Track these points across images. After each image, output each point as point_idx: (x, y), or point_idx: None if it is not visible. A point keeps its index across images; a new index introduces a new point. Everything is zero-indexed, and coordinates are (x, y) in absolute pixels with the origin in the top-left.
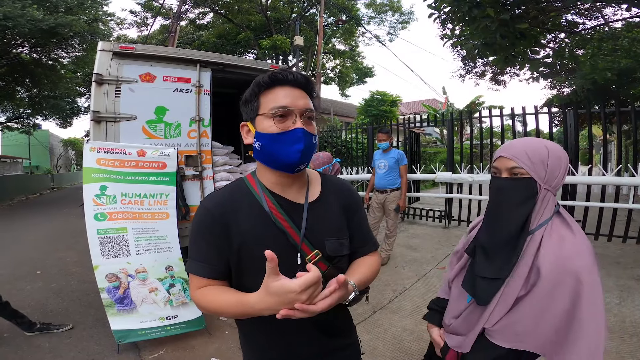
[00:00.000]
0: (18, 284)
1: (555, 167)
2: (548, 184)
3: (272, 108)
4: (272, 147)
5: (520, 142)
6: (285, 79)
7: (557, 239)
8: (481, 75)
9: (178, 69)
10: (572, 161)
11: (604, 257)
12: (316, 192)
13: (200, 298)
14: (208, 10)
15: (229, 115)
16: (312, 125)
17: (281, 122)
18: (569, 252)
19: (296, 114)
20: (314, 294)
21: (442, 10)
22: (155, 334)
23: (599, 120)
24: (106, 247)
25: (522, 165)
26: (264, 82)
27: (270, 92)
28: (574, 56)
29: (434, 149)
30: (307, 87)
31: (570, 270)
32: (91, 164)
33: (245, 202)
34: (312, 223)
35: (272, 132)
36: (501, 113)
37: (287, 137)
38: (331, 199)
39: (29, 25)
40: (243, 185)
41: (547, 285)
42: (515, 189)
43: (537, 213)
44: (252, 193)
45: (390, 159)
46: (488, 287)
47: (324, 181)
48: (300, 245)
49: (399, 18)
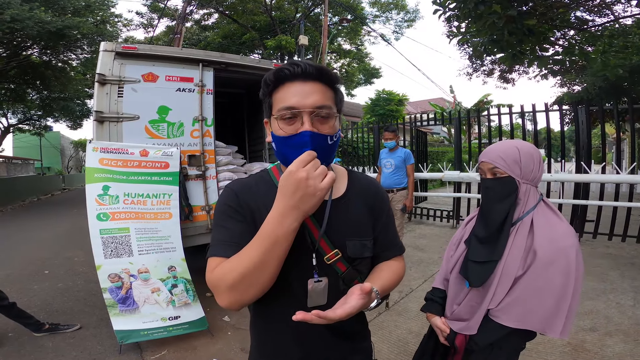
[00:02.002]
0: (26, 284)
1: (528, 163)
2: (525, 179)
3: (279, 110)
4: (283, 150)
5: (495, 146)
6: (293, 73)
7: (547, 223)
8: (489, 73)
9: (180, 69)
10: (585, 160)
11: (618, 258)
12: (341, 189)
13: (220, 271)
14: (213, 11)
15: (234, 115)
16: (327, 124)
17: (289, 125)
18: (560, 234)
19: (304, 115)
20: (316, 166)
21: (447, 6)
22: (158, 334)
23: (612, 118)
24: (109, 247)
25: (499, 166)
26: (270, 81)
27: (280, 90)
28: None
29: (442, 148)
30: (321, 78)
31: (562, 249)
32: (94, 164)
33: (269, 193)
34: (334, 221)
35: (280, 135)
36: (510, 111)
37: (294, 141)
38: (357, 197)
39: (37, 27)
40: (267, 177)
41: (543, 263)
42: (497, 187)
43: (521, 203)
44: (276, 186)
45: (397, 158)
46: (481, 270)
47: (350, 178)
48: (318, 241)
49: (405, 16)
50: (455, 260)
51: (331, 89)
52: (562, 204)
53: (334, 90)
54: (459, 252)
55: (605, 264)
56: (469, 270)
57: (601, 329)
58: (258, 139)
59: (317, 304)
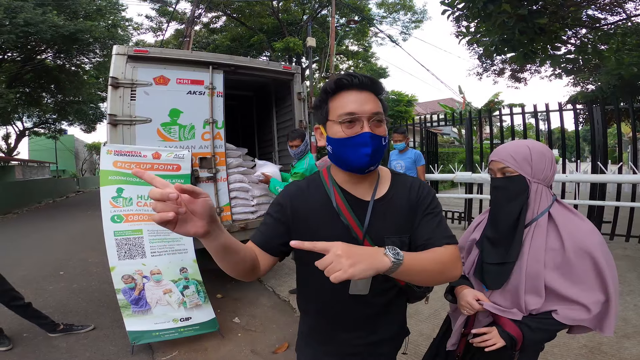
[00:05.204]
0: (42, 284)
1: (540, 161)
2: (536, 178)
3: (340, 115)
4: (342, 151)
5: (505, 145)
6: (350, 83)
7: (570, 222)
8: (500, 72)
9: (191, 72)
10: (601, 159)
11: (636, 259)
12: (384, 190)
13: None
14: (221, 14)
15: (243, 117)
16: (382, 127)
17: (349, 128)
18: (584, 232)
19: (364, 120)
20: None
21: (455, 6)
22: (169, 335)
23: (627, 117)
24: (122, 249)
25: (509, 165)
26: (330, 89)
27: (338, 98)
28: (597, 51)
29: (453, 148)
30: (374, 89)
31: (592, 246)
32: (108, 166)
33: (317, 195)
34: (375, 220)
35: (340, 137)
36: (523, 111)
37: (355, 141)
38: (398, 196)
39: (51, 31)
40: (318, 180)
41: (578, 262)
42: (508, 186)
43: (534, 203)
44: (325, 188)
45: (407, 159)
46: (497, 273)
47: (393, 179)
48: (362, 241)
49: (412, 17)
50: (471, 264)
51: (379, 98)
52: (578, 204)
53: (381, 99)
54: (472, 256)
55: (623, 266)
56: (484, 273)
57: (618, 331)
58: (268, 141)
59: (359, 292)
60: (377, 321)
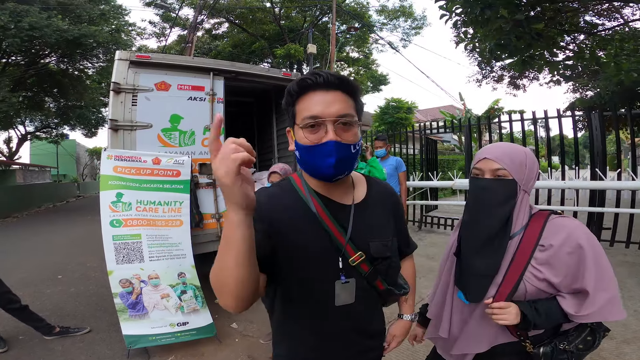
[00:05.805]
0: (39, 288)
1: (532, 170)
2: (525, 186)
3: (303, 119)
4: (307, 159)
5: (502, 145)
6: (315, 82)
7: (553, 226)
8: (499, 79)
9: (192, 78)
10: (600, 166)
11: (636, 266)
12: (362, 194)
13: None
14: (223, 20)
15: (244, 124)
16: (350, 132)
17: (313, 133)
18: (571, 228)
19: (327, 124)
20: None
21: (453, 11)
22: (166, 339)
23: (626, 124)
24: (120, 253)
25: (505, 167)
26: (294, 91)
27: (304, 99)
28: (595, 57)
29: (453, 156)
30: (342, 87)
31: (581, 239)
32: (108, 171)
33: (292, 202)
34: (357, 225)
35: (304, 144)
36: (522, 117)
37: (319, 150)
38: (376, 200)
39: (56, 35)
40: (290, 186)
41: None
42: (498, 189)
43: (517, 213)
44: (299, 194)
45: (389, 166)
46: (479, 284)
47: (369, 183)
48: (345, 247)
49: (412, 24)
50: (449, 272)
51: (352, 98)
52: (578, 211)
53: (355, 100)
54: (450, 263)
55: (623, 272)
56: (468, 285)
57: (618, 336)
58: (268, 148)
59: (345, 302)
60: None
